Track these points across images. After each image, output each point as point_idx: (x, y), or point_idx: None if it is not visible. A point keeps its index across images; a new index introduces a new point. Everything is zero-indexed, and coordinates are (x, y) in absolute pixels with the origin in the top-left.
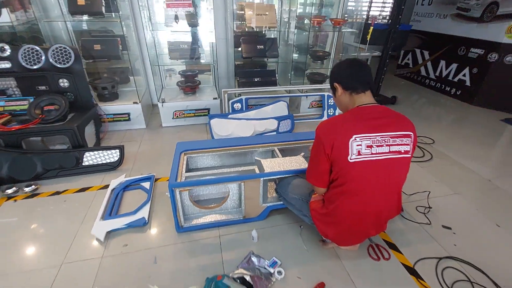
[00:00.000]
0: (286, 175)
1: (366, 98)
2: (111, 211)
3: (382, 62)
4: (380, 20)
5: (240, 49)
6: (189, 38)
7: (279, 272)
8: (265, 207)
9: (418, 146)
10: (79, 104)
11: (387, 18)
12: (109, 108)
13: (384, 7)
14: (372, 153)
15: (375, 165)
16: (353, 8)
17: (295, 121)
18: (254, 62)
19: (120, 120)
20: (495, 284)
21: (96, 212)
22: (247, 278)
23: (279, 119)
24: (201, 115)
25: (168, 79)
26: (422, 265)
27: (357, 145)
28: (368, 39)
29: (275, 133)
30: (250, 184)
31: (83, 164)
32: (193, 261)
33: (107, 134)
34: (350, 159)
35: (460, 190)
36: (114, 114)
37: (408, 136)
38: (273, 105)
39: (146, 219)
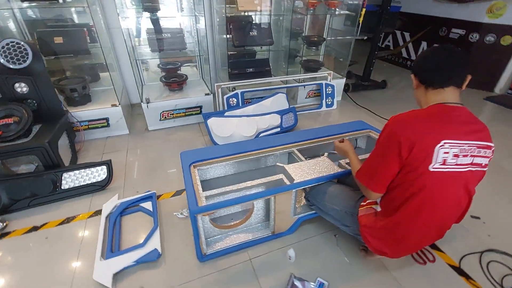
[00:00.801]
0: (320, 183)
1: (448, 96)
2: (112, 246)
3: (373, 45)
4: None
5: (230, 36)
6: (171, 25)
7: None
8: (296, 218)
9: None
10: (44, 112)
11: None
12: (82, 114)
13: None
14: (456, 164)
15: (455, 178)
16: None
17: None
18: (242, 50)
19: (97, 127)
20: None
21: (92, 248)
22: None
23: (281, 113)
24: (192, 114)
25: (145, 74)
26: (467, 263)
27: (445, 153)
28: (361, 21)
29: (279, 129)
30: (281, 197)
31: (62, 187)
32: None
33: (84, 145)
34: (433, 167)
35: None
36: (89, 121)
37: (490, 148)
38: (272, 97)
39: (159, 250)
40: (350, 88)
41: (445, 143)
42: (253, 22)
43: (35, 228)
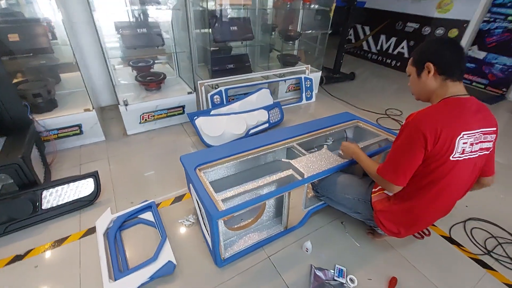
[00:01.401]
0: (328, 174)
1: (461, 88)
2: (119, 264)
3: (342, 39)
4: None
5: (209, 31)
6: (140, 19)
7: (352, 280)
8: (306, 211)
9: (392, 119)
10: (7, 122)
11: None
12: (49, 121)
13: None
14: (471, 151)
15: (469, 163)
16: None
17: None
18: (220, 46)
19: (68, 136)
20: (508, 232)
21: (95, 270)
22: None
23: (268, 108)
24: (175, 115)
25: (113, 74)
26: (455, 232)
27: (463, 143)
28: (331, 16)
29: (267, 125)
30: (295, 192)
31: (43, 207)
32: None
33: (56, 157)
34: (453, 157)
35: None
36: (58, 129)
37: (494, 132)
38: (256, 93)
39: (175, 261)
40: (324, 81)
41: (464, 134)
42: (233, 16)
43: (19, 257)
